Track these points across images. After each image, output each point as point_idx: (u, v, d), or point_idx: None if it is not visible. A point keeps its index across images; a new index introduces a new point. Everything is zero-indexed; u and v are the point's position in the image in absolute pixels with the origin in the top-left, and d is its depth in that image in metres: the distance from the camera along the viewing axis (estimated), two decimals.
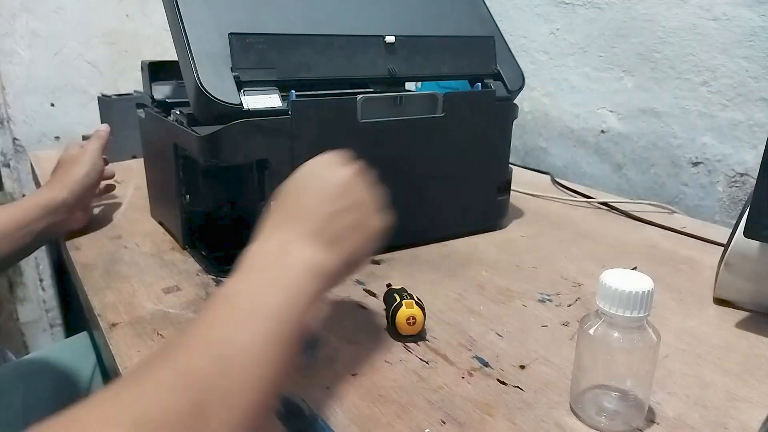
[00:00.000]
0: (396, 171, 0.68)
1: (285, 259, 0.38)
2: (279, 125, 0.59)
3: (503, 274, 0.66)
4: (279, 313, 0.34)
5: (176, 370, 0.31)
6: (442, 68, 0.72)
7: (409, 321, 0.51)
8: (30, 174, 1.28)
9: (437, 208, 0.73)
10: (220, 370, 0.31)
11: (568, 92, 1.12)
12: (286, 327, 0.34)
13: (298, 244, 0.39)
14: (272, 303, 0.35)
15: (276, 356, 0.33)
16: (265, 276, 0.37)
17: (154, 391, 0.29)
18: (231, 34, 0.59)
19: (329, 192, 0.42)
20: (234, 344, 0.32)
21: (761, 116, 0.83)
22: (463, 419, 0.41)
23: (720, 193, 0.90)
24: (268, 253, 0.39)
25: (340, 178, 0.43)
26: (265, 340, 0.33)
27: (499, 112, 0.75)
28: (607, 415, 0.41)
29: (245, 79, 0.59)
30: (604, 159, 1.07)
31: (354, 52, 0.66)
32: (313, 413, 0.42)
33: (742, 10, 0.83)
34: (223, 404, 0.30)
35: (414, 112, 0.68)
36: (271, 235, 0.40)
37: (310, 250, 0.39)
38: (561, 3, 1.10)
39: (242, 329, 0.33)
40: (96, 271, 0.64)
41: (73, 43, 1.30)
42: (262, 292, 0.35)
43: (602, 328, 0.40)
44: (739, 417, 0.42)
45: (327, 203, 0.42)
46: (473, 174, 0.75)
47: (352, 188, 0.44)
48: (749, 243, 0.54)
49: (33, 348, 1.43)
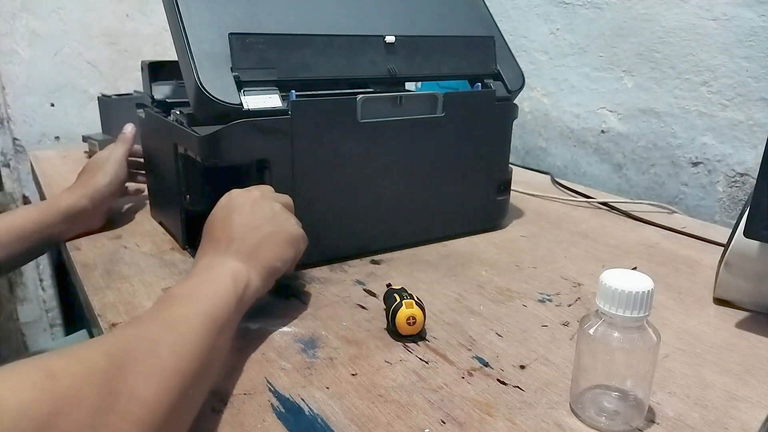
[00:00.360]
0: (396, 171, 0.69)
1: (211, 271, 0.48)
2: (279, 125, 0.59)
3: (503, 274, 0.66)
4: (208, 301, 0.43)
5: (101, 337, 0.38)
6: (442, 68, 0.72)
7: (409, 321, 0.51)
8: (30, 174, 1.28)
9: (436, 208, 0.73)
10: (149, 333, 0.37)
11: (568, 92, 1.12)
12: (215, 310, 0.42)
13: (222, 259, 0.49)
14: (202, 294, 0.44)
15: (207, 331, 0.40)
16: (195, 280, 0.46)
17: (73, 349, 0.33)
18: (231, 34, 0.59)
19: (243, 213, 0.52)
20: (170, 317, 0.40)
21: (761, 116, 0.83)
22: (462, 419, 0.41)
23: (720, 193, 0.90)
24: (198, 270, 0.48)
25: (247, 201, 0.53)
26: (197, 316, 0.41)
27: (499, 112, 0.74)
28: (607, 415, 0.41)
29: (245, 79, 0.59)
30: (604, 159, 1.07)
31: (354, 52, 0.66)
32: (313, 413, 0.42)
33: (742, 10, 0.83)
34: (149, 359, 0.35)
35: (414, 112, 0.68)
36: (201, 259, 0.50)
37: (232, 263, 0.48)
38: (561, 3, 1.10)
39: (178, 309, 0.41)
40: (96, 271, 0.64)
41: (73, 43, 1.30)
42: (197, 291, 0.44)
43: (602, 328, 0.40)
44: (739, 417, 0.42)
45: (241, 226, 0.51)
46: (473, 174, 0.75)
47: (259, 207, 0.53)
48: (749, 243, 0.54)
49: (33, 348, 1.43)
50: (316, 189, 0.63)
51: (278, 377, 0.46)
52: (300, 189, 0.62)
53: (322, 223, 0.64)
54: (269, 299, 0.58)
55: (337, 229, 0.67)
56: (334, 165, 0.64)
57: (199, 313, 0.41)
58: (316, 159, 0.63)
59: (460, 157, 0.73)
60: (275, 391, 0.44)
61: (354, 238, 0.68)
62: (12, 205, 1.33)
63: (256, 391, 0.44)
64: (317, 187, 0.64)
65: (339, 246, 0.68)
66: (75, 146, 1.25)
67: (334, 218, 0.66)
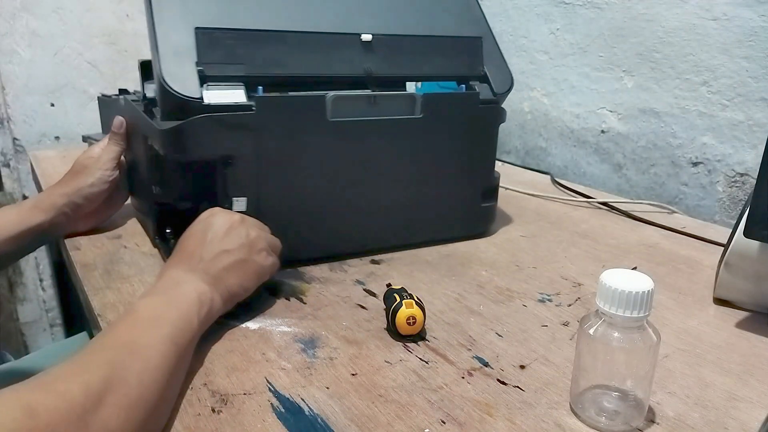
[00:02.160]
0: (369, 173, 0.66)
1: (178, 289, 0.48)
2: (243, 121, 0.58)
3: (503, 274, 0.66)
4: (172, 325, 0.44)
5: (75, 363, 0.37)
6: (423, 69, 0.70)
7: (409, 321, 0.51)
8: (30, 174, 1.28)
9: (414, 213, 0.71)
10: (121, 361, 0.38)
11: (568, 92, 1.12)
12: (178, 333, 0.43)
13: (188, 277, 0.50)
14: (167, 317, 0.44)
15: (170, 356, 0.41)
16: (162, 299, 0.47)
17: (51, 381, 0.34)
18: (197, 29, 0.58)
19: (216, 236, 0.53)
20: (137, 342, 0.40)
21: (761, 116, 0.83)
22: (462, 419, 0.41)
23: (720, 193, 0.90)
24: (166, 284, 0.49)
25: (225, 224, 0.54)
26: (162, 341, 0.42)
27: (484, 116, 0.71)
28: (607, 415, 0.41)
29: (210, 73, 0.58)
30: (604, 159, 1.07)
31: (328, 49, 0.64)
32: (313, 413, 0.42)
33: (742, 10, 0.83)
34: (120, 389, 0.36)
35: (390, 113, 0.66)
36: (170, 271, 0.51)
37: (196, 284, 0.49)
38: (561, 3, 1.10)
39: (144, 333, 0.42)
40: (96, 271, 0.64)
41: (73, 43, 1.30)
42: (161, 310, 0.45)
43: (602, 328, 0.40)
44: (739, 417, 0.42)
45: (214, 246, 0.52)
46: (454, 179, 0.72)
47: (236, 232, 0.54)
48: (749, 243, 0.54)
49: (33, 348, 1.43)
50: (283, 187, 0.62)
51: (278, 377, 0.46)
52: (266, 186, 0.61)
53: (288, 222, 0.63)
54: (269, 299, 0.58)
55: (307, 229, 0.65)
56: (302, 164, 0.62)
57: (165, 339, 0.42)
58: (283, 157, 0.61)
59: (440, 160, 0.70)
60: (275, 391, 0.44)
61: (322, 239, 0.66)
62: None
63: (256, 391, 0.44)
64: (284, 185, 0.62)
65: (303, 247, 0.65)
66: (75, 146, 1.24)
67: (302, 217, 0.64)
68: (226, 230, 0.53)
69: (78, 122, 1.34)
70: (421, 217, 0.72)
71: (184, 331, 0.44)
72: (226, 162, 0.59)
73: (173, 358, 0.42)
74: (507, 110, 0.75)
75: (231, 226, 0.54)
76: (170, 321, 0.44)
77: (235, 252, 0.53)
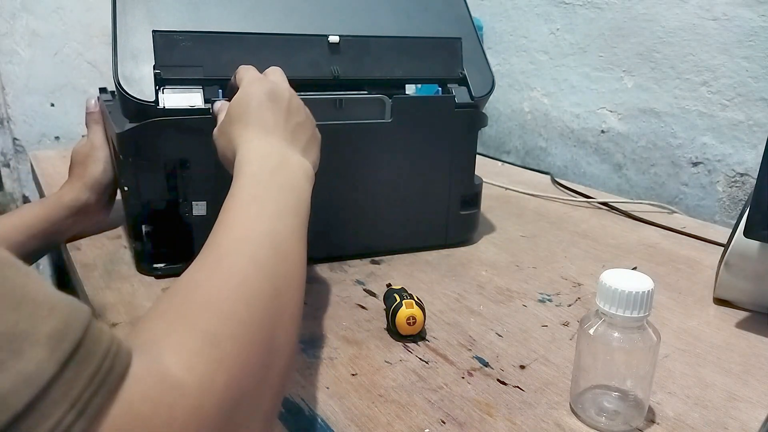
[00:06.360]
0: (333, 179, 0.64)
1: (287, 166, 0.43)
2: (200, 125, 0.56)
3: (503, 274, 0.66)
4: (296, 210, 0.40)
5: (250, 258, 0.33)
6: (396, 71, 0.67)
7: (409, 321, 0.51)
8: (30, 174, 1.28)
9: (386, 221, 0.69)
10: (281, 255, 0.35)
11: (568, 92, 1.12)
12: (302, 222, 0.40)
13: (289, 151, 0.45)
14: (290, 204, 0.40)
15: (302, 247, 0.38)
16: (277, 180, 0.41)
17: (219, 303, 0.29)
18: (155, 32, 0.58)
19: (285, 108, 0.48)
20: (279, 234, 0.37)
21: (761, 116, 0.83)
22: (462, 419, 0.41)
23: (720, 193, 0.90)
24: (269, 159, 0.43)
25: (290, 95, 0.49)
26: (293, 231, 0.38)
27: (461, 120, 0.68)
28: (607, 415, 0.41)
29: (167, 76, 0.58)
30: (604, 159, 1.07)
31: (293, 52, 0.63)
32: (313, 413, 0.42)
33: (742, 10, 0.83)
34: (290, 285, 0.34)
35: (358, 117, 0.64)
36: (260, 143, 0.45)
37: (300, 157, 0.45)
38: (561, 3, 1.10)
39: (279, 223, 0.38)
40: (96, 271, 0.64)
41: (73, 43, 1.30)
42: (281, 195, 0.40)
43: (602, 328, 0.40)
44: (739, 417, 0.42)
45: (289, 118, 0.47)
46: (430, 186, 0.70)
47: (298, 105, 0.50)
48: (749, 243, 0.54)
49: None
50: None
51: None
52: (223, 192, 0.60)
53: None
54: None
55: None
56: None
57: (297, 228, 0.39)
58: None
59: (414, 167, 0.68)
60: None
61: None
62: (12, 205, 1.33)
63: None
64: None
65: None
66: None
67: None
68: (289, 102, 0.49)
69: (78, 122, 1.34)
70: (393, 225, 0.70)
71: (303, 216, 0.41)
72: (183, 165, 0.59)
73: (303, 245, 0.39)
74: (507, 110, 0.74)
75: (293, 98, 0.50)
76: (292, 209, 0.40)
77: (307, 125, 0.50)
